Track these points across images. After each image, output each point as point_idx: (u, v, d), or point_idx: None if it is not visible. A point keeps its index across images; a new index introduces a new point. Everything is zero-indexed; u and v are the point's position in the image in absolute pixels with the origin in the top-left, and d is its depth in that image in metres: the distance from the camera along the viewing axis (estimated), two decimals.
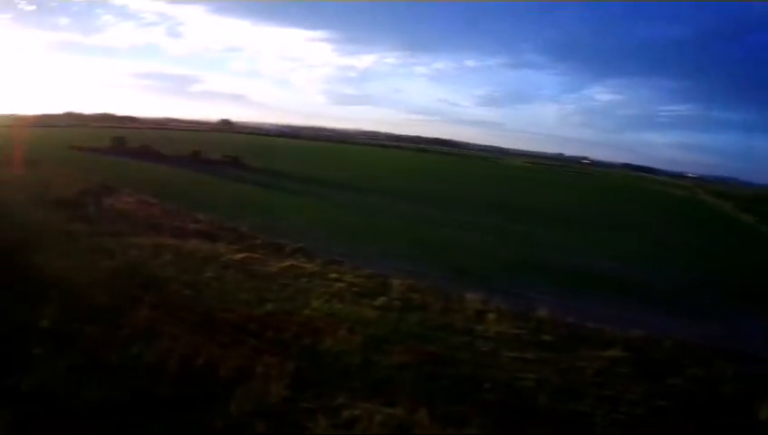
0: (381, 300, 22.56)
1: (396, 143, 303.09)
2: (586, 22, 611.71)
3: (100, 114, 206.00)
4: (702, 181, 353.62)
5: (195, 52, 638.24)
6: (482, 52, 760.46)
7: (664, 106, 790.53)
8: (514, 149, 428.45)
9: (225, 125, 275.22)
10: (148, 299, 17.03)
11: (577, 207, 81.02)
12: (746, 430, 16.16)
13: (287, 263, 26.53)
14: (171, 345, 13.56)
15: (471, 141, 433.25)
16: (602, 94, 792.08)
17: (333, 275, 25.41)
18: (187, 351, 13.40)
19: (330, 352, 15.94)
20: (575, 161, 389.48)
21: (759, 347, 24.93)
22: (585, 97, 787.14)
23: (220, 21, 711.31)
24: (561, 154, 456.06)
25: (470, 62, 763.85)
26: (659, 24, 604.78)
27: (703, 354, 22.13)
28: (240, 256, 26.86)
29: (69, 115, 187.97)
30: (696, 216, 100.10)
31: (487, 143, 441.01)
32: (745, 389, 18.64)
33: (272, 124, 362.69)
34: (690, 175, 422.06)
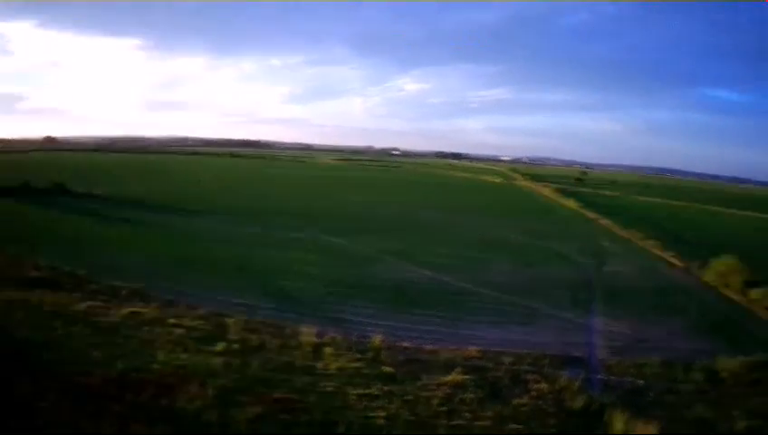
0: (222, 345, 23.27)
1: (209, 148, 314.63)
2: (391, 13, 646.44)
3: None
4: (517, 163, 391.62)
5: (21, 69, 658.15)
6: (287, 50, 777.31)
7: (474, 91, 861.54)
8: (324, 145, 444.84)
9: (49, 142, 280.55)
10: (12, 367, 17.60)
11: (387, 209, 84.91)
12: None
13: (126, 310, 27.31)
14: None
15: (280, 140, 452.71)
16: (410, 84, 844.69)
17: (172, 321, 26.32)
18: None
19: (187, 411, 16.46)
20: (385, 153, 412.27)
21: (592, 349, 28.44)
22: (392, 88, 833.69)
23: (46, 35, 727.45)
24: (371, 147, 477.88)
25: (275, 61, 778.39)
26: (467, 10, 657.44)
27: (541, 364, 24.69)
28: (83, 305, 27.44)
29: None
30: (518, 205, 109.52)
31: (296, 141, 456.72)
32: (595, 401, 20.83)
33: (91, 137, 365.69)
34: (505, 158, 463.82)
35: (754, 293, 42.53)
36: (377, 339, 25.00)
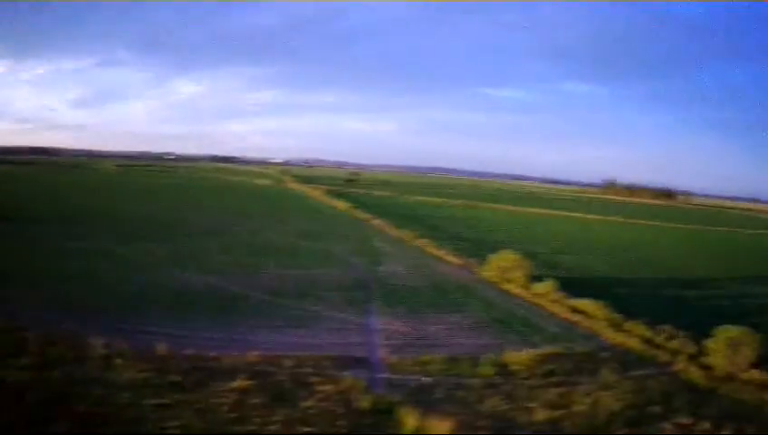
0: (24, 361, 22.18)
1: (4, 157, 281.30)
2: (173, 12, 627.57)
3: None
4: (288, 165, 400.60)
5: None
6: (78, 53, 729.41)
7: (248, 94, 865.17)
8: (107, 151, 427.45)
9: None
10: None
11: (164, 215, 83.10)
12: None
13: None
14: None
15: (68, 147, 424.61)
16: (187, 87, 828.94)
17: None
18: None
19: None
20: (159, 158, 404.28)
21: (373, 349, 29.56)
22: (170, 91, 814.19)
23: None
24: (147, 152, 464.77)
25: (68, 65, 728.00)
26: (247, 12, 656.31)
27: (324, 366, 25.50)
28: None
29: None
30: (290, 208, 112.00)
31: (83, 147, 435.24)
32: (382, 400, 21.84)
33: None
34: (276, 161, 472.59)
35: (537, 287, 46.09)
36: (161, 348, 24.59)
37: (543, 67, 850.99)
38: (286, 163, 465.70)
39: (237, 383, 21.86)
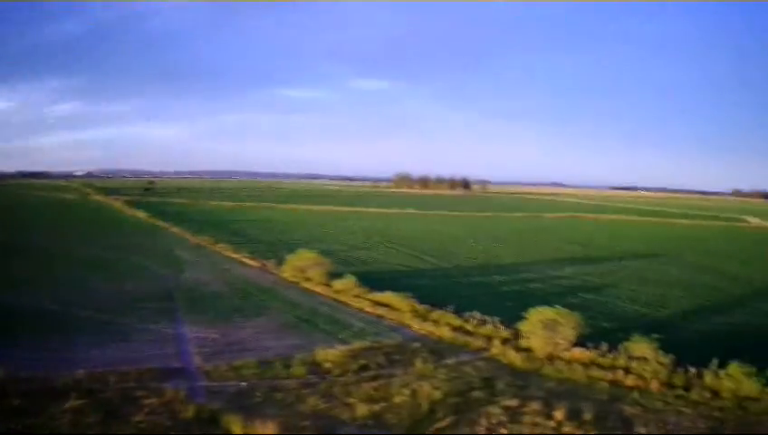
0: None
1: None
2: None
3: None
4: (90, 178, 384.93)
5: None
6: None
7: (51, 107, 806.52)
8: None
9: None
10: None
11: None
12: None
13: None
14: None
15: None
16: None
17: None
18: None
19: None
20: None
21: (187, 358, 29.89)
22: None
23: None
24: None
25: None
26: (61, 21, 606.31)
27: (145, 379, 25.77)
28: None
29: None
30: (93, 220, 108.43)
31: None
32: (204, 408, 22.54)
33: None
34: (79, 173, 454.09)
35: (338, 284, 47.19)
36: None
37: (335, 66, 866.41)
38: (88, 175, 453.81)
39: (70, 404, 21.96)
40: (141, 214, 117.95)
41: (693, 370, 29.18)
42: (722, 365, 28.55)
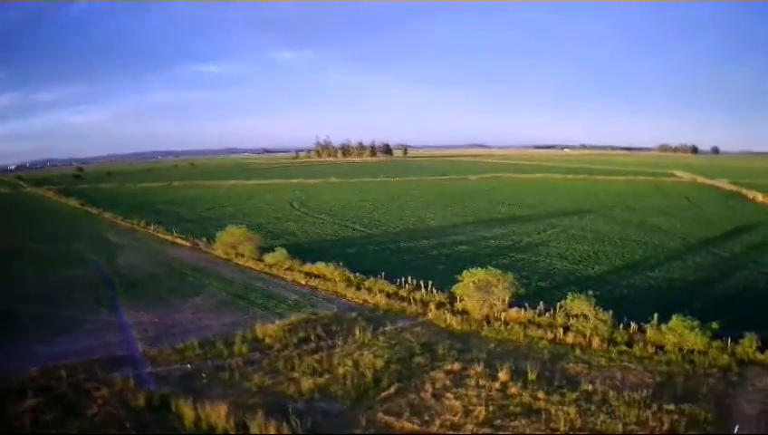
0: None
1: None
2: None
3: None
4: (22, 171, 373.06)
5: None
6: None
7: None
8: None
9: None
10: None
11: None
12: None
13: None
14: None
15: None
16: None
17: None
18: None
19: None
20: None
21: (131, 345, 30.12)
22: None
23: None
24: None
25: None
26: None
27: (94, 371, 25.94)
28: None
29: None
30: (28, 213, 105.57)
31: None
32: (154, 394, 22.87)
33: None
34: (12, 167, 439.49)
35: (269, 258, 47.46)
36: None
37: (255, 37, 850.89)
38: (20, 168, 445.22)
39: (29, 403, 22.46)
40: (73, 202, 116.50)
41: (634, 325, 30.21)
42: (663, 320, 29.42)
